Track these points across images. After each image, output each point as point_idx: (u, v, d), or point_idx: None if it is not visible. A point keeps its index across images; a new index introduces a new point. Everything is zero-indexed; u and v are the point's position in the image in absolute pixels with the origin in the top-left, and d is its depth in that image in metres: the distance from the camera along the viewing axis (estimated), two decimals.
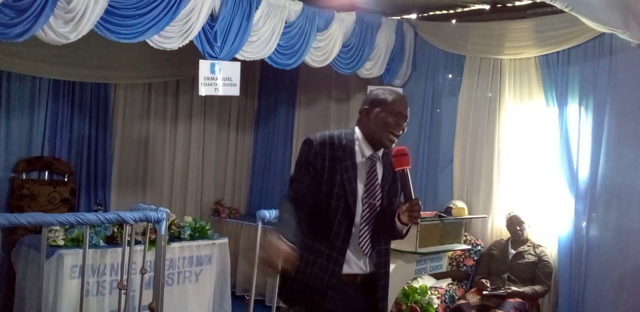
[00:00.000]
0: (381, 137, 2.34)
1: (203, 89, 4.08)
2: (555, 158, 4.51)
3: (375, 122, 2.35)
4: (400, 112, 2.38)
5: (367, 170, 2.36)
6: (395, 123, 2.36)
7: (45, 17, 3.17)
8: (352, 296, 2.33)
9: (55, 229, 4.04)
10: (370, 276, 2.37)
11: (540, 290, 4.28)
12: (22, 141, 5.30)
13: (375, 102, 2.39)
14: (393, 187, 2.41)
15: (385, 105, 2.37)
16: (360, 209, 2.31)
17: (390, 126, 2.35)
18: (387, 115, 2.35)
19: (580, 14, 3.64)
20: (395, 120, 2.36)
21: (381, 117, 2.35)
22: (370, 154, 2.37)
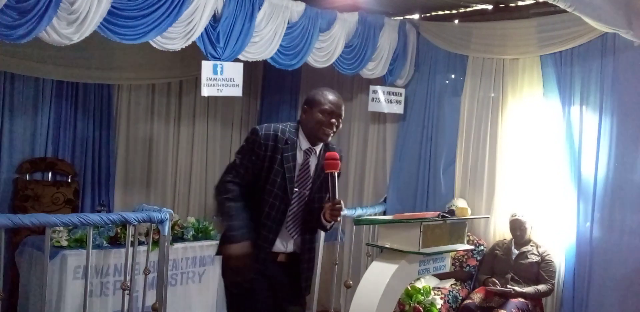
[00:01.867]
0: (317, 133, 2.63)
1: (206, 89, 4.08)
2: (559, 158, 4.50)
3: (312, 121, 2.63)
4: (333, 112, 2.64)
5: (302, 161, 2.64)
6: (328, 122, 2.62)
7: (49, 18, 3.17)
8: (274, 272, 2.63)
9: (59, 230, 4.06)
10: (293, 257, 2.68)
11: (544, 289, 4.27)
12: (25, 142, 5.31)
13: (312, 103, 2.67)
14: (323, 183, 2.65)
15: (320, 105, 2.64)
16: (292, 197, 2.60)
17: (324, 124, 2.62)
18: (322, 115, 2.62)
19: (583, 14, 3.63)
20: (329, 119, 2.62)
21: (317, 117, 2.62)
22: (307, 148, 2.65)
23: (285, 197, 2.58)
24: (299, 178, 2.63)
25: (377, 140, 5.65)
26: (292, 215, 2.63)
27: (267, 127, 2.62)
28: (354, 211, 4.93)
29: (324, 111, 2.62)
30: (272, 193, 2.57)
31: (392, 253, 3.34)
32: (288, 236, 2.66)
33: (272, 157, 2.56)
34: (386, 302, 3.23)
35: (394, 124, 5.54)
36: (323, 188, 2.66)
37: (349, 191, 5.76)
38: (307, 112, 2.66)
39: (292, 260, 2.69)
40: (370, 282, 3.28)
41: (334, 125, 2.64)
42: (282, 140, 2.59)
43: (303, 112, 2.69)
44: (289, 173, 2.58)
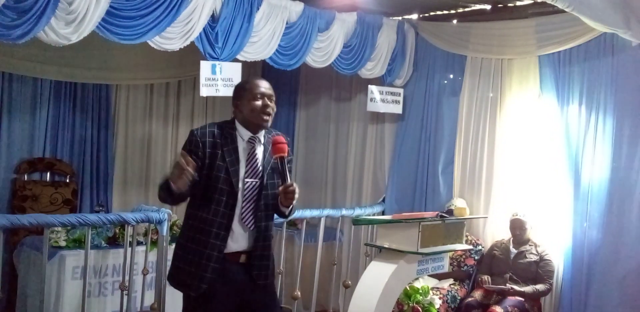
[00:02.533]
0: (256, 120, 2.60)
1: (204, 89, 4.08)
2: (557, 158, 4.50)
3: (247, 111, 2.60)
4: (264, 93, 2.62)
5: (248, 151, 2.61)
6: (262, 105, 2.60)
7: (47, 18, 3.17)
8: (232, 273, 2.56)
9: (57, 230, 4.06)
10: (251, 251, 2.61)
11: (542, 289, 4.28)
12: (23, 142, 5.31)
13: (240, 95, 2.65)
14: (276, 170, 2.62)
15: (249, 93, 2.62)
16: (242, 188, 2.56)
17: (259, 110, 2.59)
18: (254, 101, 2.59)
19: (582, 14, 3.64)
20: (262, 102, 2.60)
21: (250, 105, 2.59)
22: (250, 137, 2.62)
23: (232, 191, 2.54)
24: (249, 168, 2.59)
25: (376, 140, 5.65)
26: (245, 205, 2.57)
27: (203, 126, 2.62)
28: (352, 211, 4.93)
29: (254, 97, 2.59)
30: (217, 189, 2.52)
31: (390, 253, 3.35)
32: (245, 229, 2.58)
33: (213, 153, 2.53)
34: (385, 302, 3.23)
35: (392, 124, 5.54)
36: (275, 175, 2.63)
37: (348, 190, 5.76)
38: (238, 106, 2.63)
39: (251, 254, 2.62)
40: (369, 282, 3.29)
41: (269, 106, 2.60)
42: (220, 135, 2.57)
43: (235, 108, 2.66)
44: (232, 166, 2.54)
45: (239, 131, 2.62)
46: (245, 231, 2.59)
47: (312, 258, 4.86)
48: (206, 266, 2.51)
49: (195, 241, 2.54)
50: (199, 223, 2.55)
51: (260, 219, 2.61)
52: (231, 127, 2.63)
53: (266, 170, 2.62)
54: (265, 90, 2.63)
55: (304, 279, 4.77)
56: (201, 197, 2.55)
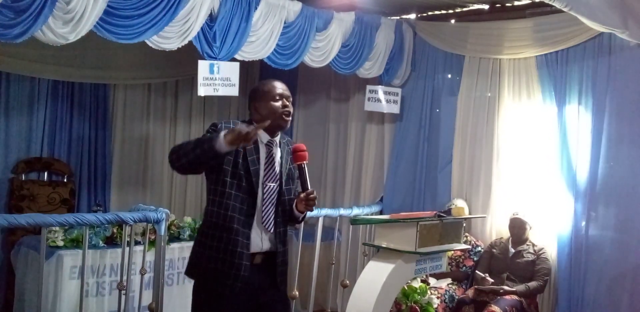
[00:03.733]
0: (277, 121, 2.57)
1: (202, 89, 4.08)
2: (555, 158, 4.51)
3: (267, 113, 2.57)
4: (281, 95, 2.62)
5: (266, 155, 2.60)
6: (282, 106, 2.59)
7: (44, 17, 3.16)
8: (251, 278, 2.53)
9: (55, 230, 4.05)
10: (269, 254, 2.60)
11: (534, 286, 4.27)
12: (21, 142, 5.30)
13: (258, 97, 2.63)
14: (290, 175, 2.66)
15: (269, 94, 2.60)
16: (261, 190, 2.56)
17: (279, 110, 2.58)
18: (272, 103, 2.58)
19: (579, 14, 3.64)
20: (282, 104, 2.59)
21: (271, 106, 2.58)
22: (268, 140, 2.60)
23: (252, 191, 2.53)
24: (267, 171, 2.58)
25: (374, 139, 5.65)
26: (265, 209, 2.57)
27: (227, 121, 2.57)
28: (350, 211, 4.93)
29: (273, 98, 2.58)
30: (240, 188, 2.51)
31: (388, 253, 3.35)
32: (264, 230, 2.58)
33: (236, 150, 2.46)
34: (383, 302, 3.23)
35: (390, 123, 5.55)
36: (290, 180, 2.65)
37: (346, 190, 5.76)
38: (257, 109, 2.60)
39: (268, 260, 2.61)
40: (367, 281, 3.29)
41: (289, 107, 2.61)
42: None
43: (253, 110, 2.62)
44: (254, 166, 2.53)
45: (258, 133, 2.52)
46: (265, 233, 2.59)
47: (310, 258, 4.86)
48: (239, 265, 2.49)
49: (223, 240, 2.51)
50: (225, 222, 2.51)
51: (279, 224, 2.62)
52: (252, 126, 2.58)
53: (284, 175, 2.63)
54: (284, 91, 2.63)
55: (302, 279, 4.77)
56: (226, 196, 2.52)
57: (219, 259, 2.50)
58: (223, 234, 2.51)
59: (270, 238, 2.60)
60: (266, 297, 2.60)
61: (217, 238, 2.52)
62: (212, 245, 2.53)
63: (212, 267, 2.52)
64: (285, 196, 2.62)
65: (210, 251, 2.53)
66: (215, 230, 2.53)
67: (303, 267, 4.78)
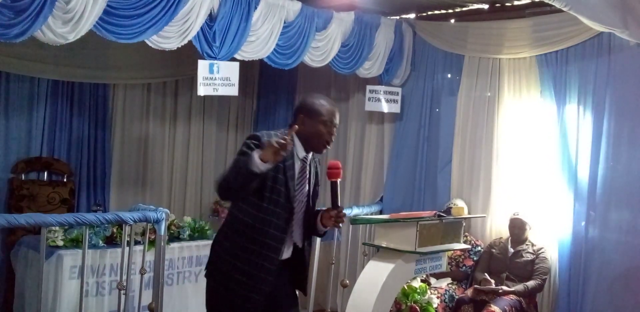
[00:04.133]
0: (317, 145, 2.60)
1: (202, 89, 4.08)
2: (555, 158, 4.51)
3: (311, 131, 2.56)
4: (332, 122, 2.60)
5: (299, 170, 2.60)
6: (328, 133, 2.59)
7: (44, 17, 3.16)
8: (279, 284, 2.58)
9: (55, 230, 4.05)
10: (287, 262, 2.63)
11: (532, 285, 4.28)
12: (21, 142, 5.29)
13: (311, 113, 2.58)
14: (315, 191, 2.71)
15: (319, 116, 2.57)
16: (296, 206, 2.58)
17: (324, 136, 2.58)
18: (321, 126, 2.57)
19: (579, 13, 3.64)
20: (328, 131, 2.59)
21: (316, 128, 2.56)
22: (304, 156, 2.61)
23: (289, 206, 2.53)
24: (299, 186, 2.59)
25: (374, 139, 5.65)
26: (295, 223, 2.60)
27: (268, 133, 2.49)
28: (350, 210, 4.92)
29: (324, 123, 2.56)
30: (277, 202, 2.50)
31: (388, 252, 3.35)
32: (291, 244, 2.63)
33: (276, 165, 2.40)
34: (383, 302, 3.23)
35: (390, 123, 5.55)
36: (315, 197, 2.71)
37: (346, 190, 5.76)
38: (305, 123, 2.55)
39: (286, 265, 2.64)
40: (367, 281, 3.29)
41: (333, 136, 2.61)
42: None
43: (300, 122, 2.55)
44: (291, 181, 2.53)
45: (296, 147, 2.57)
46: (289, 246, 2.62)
47: (310, 257, 4.85)
48: (265, 280, 2.51)
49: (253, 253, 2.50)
50: (258, 235, 2.50)
51: (306, 237, 2.70)
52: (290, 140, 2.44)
53: (310, 190, 2.67)
54: (335, 119, 2.62)
55: None
56: (262, 210, 2.50)
57: (246, 272, 2.51)
58: (254, 248, 2.50)
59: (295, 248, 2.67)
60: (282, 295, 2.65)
61: (248, 251, 2.51)
62: (241, 256, 2.51)
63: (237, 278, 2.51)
64: (312, 211, 2.68)
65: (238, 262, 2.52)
66: (245, 241, 2.52)
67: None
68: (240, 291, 2.51)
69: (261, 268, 2.50)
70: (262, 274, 2.50)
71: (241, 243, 2.52)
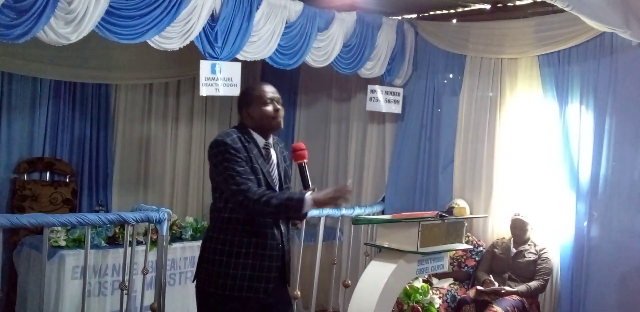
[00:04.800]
0: (269, 124, 2.62)
1: (204, 89, 4.08)
2: (557, 158, 4.50)
3: (259, 116, 2.61)
4: (272, 99, 2.63)
5: (265, 157, 2.65)
6: (274, 109, 2.62)
7: (46, 18, 3.17)
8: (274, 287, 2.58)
9: (57, 230, 4.05)
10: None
11: (535, 285, 4.27)
12: (23, 142, 5.30)
13: (247, 102, 2.65)
14: (287, 174, 2.73)
15: (255, 99, 2.63)
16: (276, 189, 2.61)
17: (271, 113, 2.61)
18: (263, 107, 2.60)
19: (581, 13, 3.64)
20: (273, 107, 2.62)
21: (260, 110, 2.61)
22: (264, 143, 2.65)
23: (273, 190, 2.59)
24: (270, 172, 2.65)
25: (376, 139, 5.65)
26: None
27: (226, 134, 2.58)
28: (352, 211, 4.93)
29: (265, 102, 2.60)
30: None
31: (390, 253, 3.35)
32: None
33: (249, 157, 2.54)
34: (384, 302, 3.23)
35: (392, 123, 5.54)
36: (287, 179, 2.72)
37: None
38: (249, 114, 2.63)
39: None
40: (369, 281, 3.29)
41: (280, 110, 2.63)
42: (246, 141, 2.58)
43: (246, 115, 2.64)
44: (265, 167, 2.58)
45: (254, 137, 2.62)
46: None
47: (311, 258, 4.86)
48: (270, 267, 2.54)
49: (253, 244, 2.52)
50: (251, 227, 2.53)
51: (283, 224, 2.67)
52: (247, 131, 2.62)
53: (281, 175, 2.67)
54: (274, 94, 2.65)
55: (304, 279, 4.77)
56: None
57: (249, 265, 2.51)
58: (252, 239, 2.53)
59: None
60: (274, 298, 2.61)
61: (245, 244, 2.52)
62: (241, 251, 2.52)
63: (242, 273, 2.51)
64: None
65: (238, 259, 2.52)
66: (244, 236, 2.53)
67: (305, 267, 4.78)
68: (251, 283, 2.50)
69: (265, 258, 2.52)
70: (266, 262, 2.53)
71: (239, 240, 2.52)
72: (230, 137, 2.54)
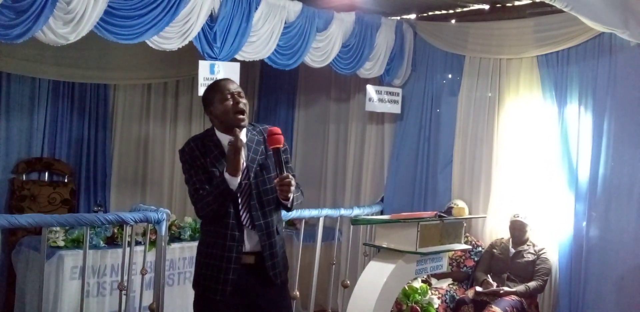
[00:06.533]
0: (232, 119, 2.54)
1: (203, 89, 4.05)
2: (555, 158, 4.50)
3: (222, 114, 2.55)
4: (231, 93, 2.56)
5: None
6: (234, 103, 2.54)
7: (45, 18, 3.17)
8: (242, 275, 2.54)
9: (56, 230, 4.05)
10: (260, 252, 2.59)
11: (534, 286, 4.27)
12: (21, 142, 5.31)
13: (208, 102, 2.61)
14: (265, 165, 2.61)
15: (214, 97, 2.57)
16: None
17: (231, 108, 2.54)
18: (224, 103, 2.54)
19: (580, 14, 3.64)
20: (233, 101, 2.55)
21: (221, 108, 2.55)
22: (229, 141, 2.51)
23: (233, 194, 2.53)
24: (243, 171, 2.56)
25: (375, 140, 5.65)
26: (242, 207, 2.55)
27: (187, 142, 2.60)
28: (351, 211, 4.93)
29: (224, 97, 2.54)
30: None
31: (389, 253, 3.35)
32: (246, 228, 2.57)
33: (207, 162, 2.53)
34: (383, 302, 3.23)
35: (391, 123, 5.54)
36: (264, 170, 2.60)
37: (347, 190, 5.76)
38: (212, 113, 2.59)
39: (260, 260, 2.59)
40: (368, 282, 3.29)
41: (240, 103, 2.54)
42: (202, 145, 2.56)
43: (210, 116, 2.62)
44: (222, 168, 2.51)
45: (219, 137, 2.59)
46: (249, 231, 2.58)
47: (310, 258, 4.86)
48: (228, 269, 2.51)
49: (214, 245, 2.55)
50: (214, 227, 2.55)
51: (257, 217, 2.57)
52: (212, 134, 2.61)
53: (252, 169, 2.57)
54: (233, 89, 2.58)
55: (303, 279, 4.76)
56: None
57: (210, 265, 2.55)
58: (214, 240, 2.55)
59: (257, 235, 2.57)
60: (264, 299, 2.59)
61: (211, 245, 2.57)
62: (205, 251, 2.58)
63: (203, 272, 2.57)
64: (260, 187, 2.58)
65: (203, 258, 2.59)
66: (208, 236, 2.59)
67: (304, 268, 4.77)
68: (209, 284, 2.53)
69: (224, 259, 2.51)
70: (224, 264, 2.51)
71: (208, 241, 2.58)
72: (188, 146, 2.57)
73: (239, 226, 2.54)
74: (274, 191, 2.55)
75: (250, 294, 2.57)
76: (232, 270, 2.51)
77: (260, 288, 2.59)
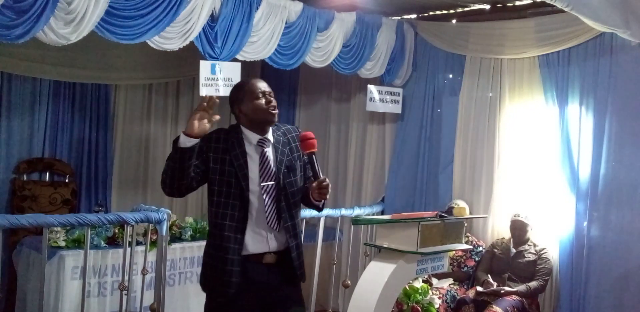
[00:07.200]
0: (264, 117, 2.57)
1: (204, 89, 4.08)
2: (556, 158, 4.50)
3: (253, 112, 2.58)
4: (263, 92, 2.60)
5: (259, 155, 2.58)
6: (267, 102, 2.58)
7: (46, 18, 3.17)
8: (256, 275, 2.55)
9: (57, 230, 4.05)
10: (281, 252, 2.59)
11: (535, 286, 4.27)
12: (22, 142, 5.31)
13: (239, 99, 2.62)
14: (292, 167, 2.64)
15: (246, 95, 2.60)
16: (259, 192, 2.54)
17: (264, 105, 2.57)
18: (255, 101, 2.57)
19: (581, 14, 3.64)
20: (266, 100, 2.58)
21: (252, 105, 2.57)
22: (259, 140, 2.59)
23: (243, 195, 2.52)
24: (263, 172, 2.56)
25: (375, 140, 5.65)
26: (268, 209, 2.54)
27: (217, 130, 2.60)
28: (352, 211, 4.93)
29: (256, 96, 2.57)
30: (230, 195, 2.52)
31: (390, 253, 3.34)
32: (270, 230, 2.56)
33: (221, 158, 2.52)
34: (384, 302, 3.23)
35: (392, 123, 5.54)
36: (291, 172, 2.62)
37: (348, 190, 5.76)
38: (242, 110, 2.60)
39: (283, 257, 2.59)
40: (368, 282, 3.28)
41: (273, 102, 2.59)
42: (225, 141, 2.55)
43: (239, 113, 2.62)
44: (242, 171, 2.52)
45: (245, 135, 2.59)
46: (270, 232, 2.57)
47: (311, 258, 4.85)
48: (230, 271, 2.51)
49: (217, 247, 2.55)
50: (217, 230, 2.55)
51: (286, 219, 2.58)
52: (237, 131, 2.60)
53: (281, 171, 2.58)
54: (265, 88, 2.62)
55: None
56: (216, 205, 2.55)
57: (213, 267, 2.56)
58: (216, 242, 2.55)
59: (277, 236, 2.58)
60: (277, 296, 2.60)
61: (212, 246, 2.58)
62: (210, 253, 2.59)
63: (208, 274, 2.59)
64: (288, 189, 2.59)
65: (208, 259, 2.60)
66: (211, 238, 2.60)
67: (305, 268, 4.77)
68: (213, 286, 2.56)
69: (224, 260, 2.51)
70: (227, 266, 2.50)
71: (212, 242, 2.59)
72: (210, 135, 2.53)
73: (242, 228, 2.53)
74: (300, 192, 2.61)
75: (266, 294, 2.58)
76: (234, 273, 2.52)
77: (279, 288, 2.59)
